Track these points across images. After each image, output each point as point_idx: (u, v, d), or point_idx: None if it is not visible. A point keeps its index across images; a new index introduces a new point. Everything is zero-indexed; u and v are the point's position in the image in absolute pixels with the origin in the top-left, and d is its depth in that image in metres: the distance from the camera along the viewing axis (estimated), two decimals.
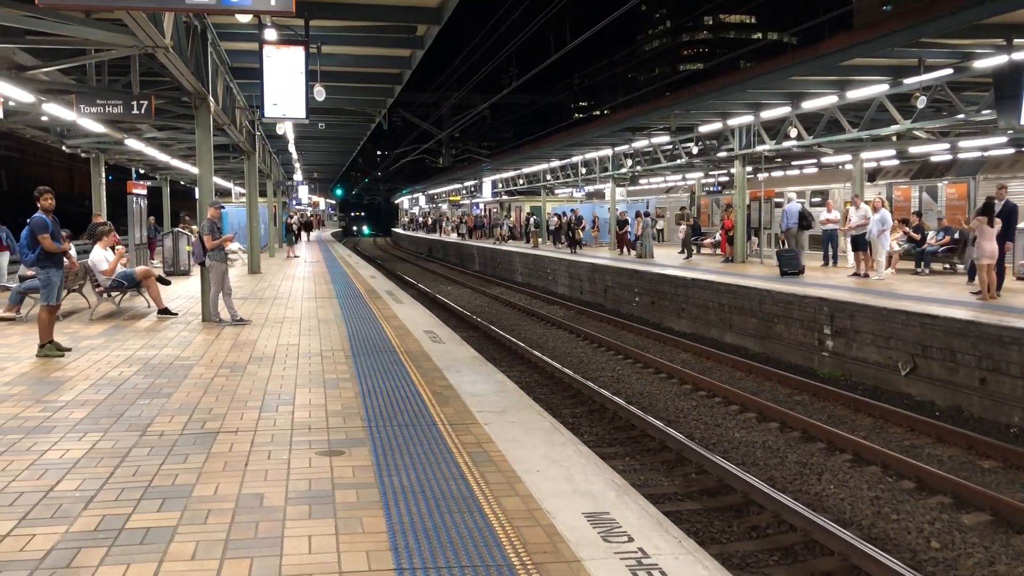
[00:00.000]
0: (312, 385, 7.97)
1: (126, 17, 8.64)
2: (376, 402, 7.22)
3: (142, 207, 21.52)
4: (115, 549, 4.05)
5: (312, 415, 6.77)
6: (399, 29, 15.75)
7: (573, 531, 4.27)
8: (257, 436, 6.15)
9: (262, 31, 12.35)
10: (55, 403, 7.11)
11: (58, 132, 20.91)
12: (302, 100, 12.80)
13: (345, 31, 15.48)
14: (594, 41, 48.43)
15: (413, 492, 4.87)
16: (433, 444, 5.90)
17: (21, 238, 9.74)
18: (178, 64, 11.27)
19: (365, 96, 22.37)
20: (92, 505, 4.67)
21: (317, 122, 25.10)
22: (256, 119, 22.72)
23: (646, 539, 4.17)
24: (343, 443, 5.95)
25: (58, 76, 15.33)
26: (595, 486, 4.99)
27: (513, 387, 7.96)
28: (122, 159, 28.18)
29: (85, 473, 5.25)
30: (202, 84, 13.20)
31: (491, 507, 4.62)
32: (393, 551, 4.02)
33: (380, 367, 8.86)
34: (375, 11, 13.93)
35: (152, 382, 8.06)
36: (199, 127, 13.76)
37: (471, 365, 9.03)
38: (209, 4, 7.00)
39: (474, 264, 42.90)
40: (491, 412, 6.85)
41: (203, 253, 12.41)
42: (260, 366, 8.96)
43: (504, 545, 4.10)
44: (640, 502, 4.73)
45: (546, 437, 6.10)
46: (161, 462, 5.49)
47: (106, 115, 14.53)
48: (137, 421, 6.54)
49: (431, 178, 72.69)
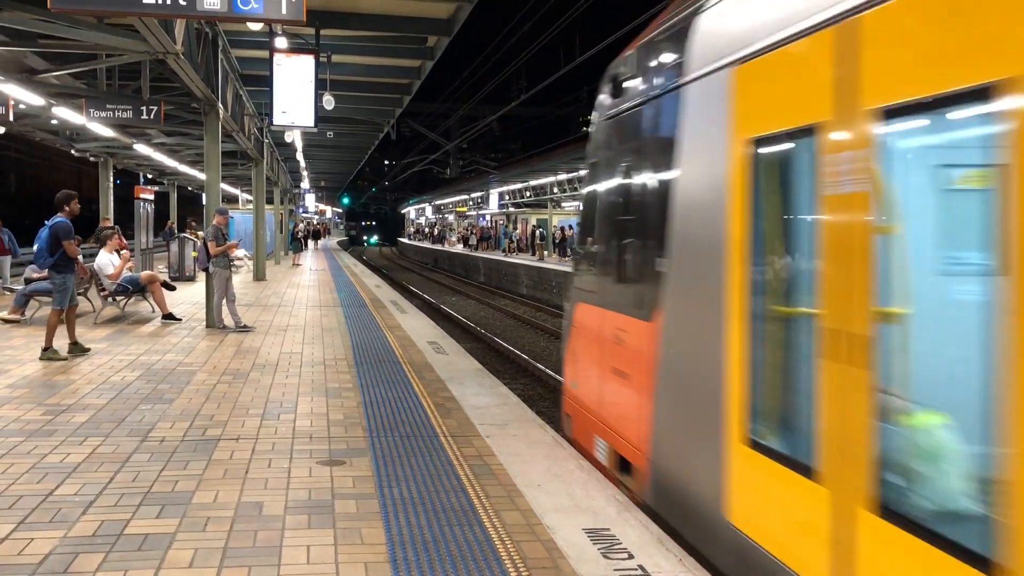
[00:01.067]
0: (314, 394, 7.96)
1: (137, 23, 8.69)
2: (378, 412, 7.20)
3: (149, 212, 21.58)
4: (113, 555, 4.03)
5: (314, 424, 6.76)
6: (409, 40, 15.83)
7: (573, 547, 4.24)
8: (258, 444, 6.13)
9: (273, 39, 12.42)
10: (57, 407, 7.10)
11: (67, 136, 21.03)
12: (311, 108, 12.85)
13: (355, 41, 15.57)
14: (604, 55, 48.46)
15: (413, 504, 4.85)
16: (434, 456, 5.88)
17: (39, 240, 9.73)
18: (188, 70, 11.33)
19: (374, 106, 22.46)
20: (91, 510, 4.65)
21: (326, 131, 25.22)
22: (265, 126, 22.82)
23: (647, 556, 4.14)
24: (344, 453, 5.93)
25: (68, 80, 15.42)
26: (596, 501, 4.96)
27: (516, 400, 7.94)
28: (130, 164, 28.33)
29: (85, 478, 5.23)
30: (212, 91, 13.26)
31: (491, 521, 4.60)
32: (392, 563, 3.99)
33: (383, 377, 8.84)
34: (386, 21, 14.00)
35: (154, 387, 8.05)
36: (208, 133, 13.81)
37: (474, 377, 9.01)
38: (220, 11, 7.02)
39: (479, 275, 42.92)
40: (493, 425, 6.82)
41: (207, 259, 12.43)
42: (263, 374, 8.95)
43: (504, 560, 4.07)
44: (641, 519, 4.69)
45: (548, 451, 6.07)
46: (161, 468, 5.47)
47: (115, 120, 14.62)
48: (138, 426, 6.53)
49: (438, 189, 72.77)
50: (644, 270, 5.43)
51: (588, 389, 6.65)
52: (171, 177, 33.27)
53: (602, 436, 6.22)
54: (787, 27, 3.77)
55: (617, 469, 5.86)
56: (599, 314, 6.37)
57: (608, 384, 6.13)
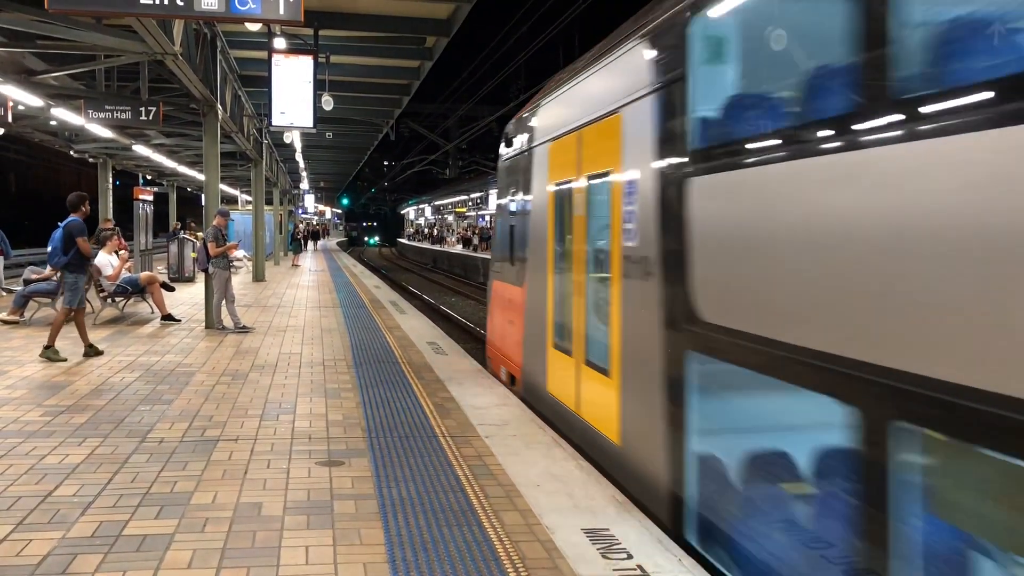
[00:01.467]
0: (313, 394, 7.96)
1: (136, 24, 8.68)
2: (377, 413, 7.20)
3: (148, 213, 21.57)
4: (112, 556, 4.03)
5: (312, 424, 6.75)
6: (408, 40, 15.82)
7: (572, 547, 4.24)
8: (257, 445, 6.13)
9: (271, 40, 12.41)
10: (56, 407, 7.10)
11: (66, 137, 21.02)
12: (310, 109, 12.85)
13: (354, 41, 15.55)
14: None
15: (412, 504, 4.84)
16: (433, 456, 5.88)
17: (53, 240, 9.79)
18: (187, 71, 11.32)
19: (373, 106, 22.46)
20: (90, 511, 4.65)
21: (324, 131, 25.21)
22: (264, 127, 22.82)
23: (646, 556, 4.13)
24: (343, 453, 5.93)
25: (67, 81, 15.42)
26: (595, 502, 4.96)
27: (515, 400, 7.93)
28: (129, 164, 28.32)
29: (84, 478, 5.23)
30: (210, 91, 13.25)
31: (490, 521, 4.59)
32: (391, 564, 3.99)
33: (382, 378, 8.84)
34: (385, 22, 14.00)
35: (153, 388, 8.05)
36: (207, 134, 13.81)
37: (473, 377, 9.01)
38: (218, 11, 7.02)
39: (479, 276, 42.87)
40: (492, 425, 6.82)
41: (207, 260, 12.43)
42: (262, 374, 8.94)
43: (503, 560, 4.07)
44: (640, 519, 4.69)
45: (547, 451, 6.07)
46: (160, 469, 5.47)
47: (114, 120, 14.60)
48: (137, 427, 6.53)
49: (437, 189, 72.76)
50: (519, 256, 8.82)
51: (496, 337, 10.17)
52: (170, 178, 33.25)
53: (504, 365, 9.52)
54: (564, 127, 7.13)
55: (510, 383, 9.03)
56: (501, 286, 9.84)
57: (505, 331, 9.49)
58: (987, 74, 2.68)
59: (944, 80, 2.86)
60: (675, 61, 4.85)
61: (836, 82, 3.41)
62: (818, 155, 3.44)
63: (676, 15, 4.88)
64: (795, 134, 3.75)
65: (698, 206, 4.50)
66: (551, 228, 7.46)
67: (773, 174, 3.78)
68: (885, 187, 2.97)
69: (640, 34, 5.43)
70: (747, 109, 4.36)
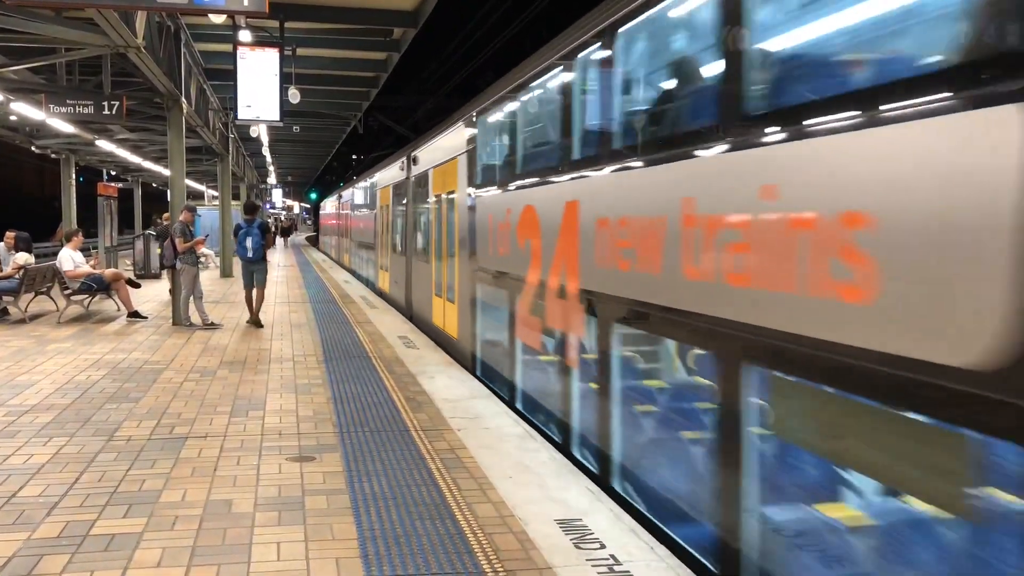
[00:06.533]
0: (283, 390, 7.90)
1: (97, 16, 8.53)
2: (348, 408, 7.16)
3: (113, 209, 21.24)
4: (79, 556, 3.97)
5: (283, 420, 6.70)
6: (375, 32, 15.70)
7: (545, 538, 4.25)
8: (227, 442, 6.07)
9: (236, 32, 12.25)
10: (20, 407, 6.98)
11: (27, 132, 20.64)
12: (276, 102, 12.71)
13: (320, 33, 15.41)
14: None
15: (384, 499, 4.83)
16: (405, 450, 5.86)
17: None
18: (150, 64, 11.15)
19: (341, 99, 22.27)
20: (56, 511, 4.58)
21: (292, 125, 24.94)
22: (230, 121, 22.52)
23: (618, 546, 4.15)
24: (314, 449, 5.89)
25: (27, 75, 15.11)
26: (568, 492, 4.97)
27: (487, 393, 7.93)
28: (93, 160, 27.88)
29: (49, 479, 5.15)
30: (175, 85, 13.07)
31: (463, 514, 4.59)
32: (363, 559, 3.97)
33: (353, 372, 8.79)
34: (351, 14, 13.87)
35: (120, 386, 7.94)
36: (171, 128, 13.63)
37: (445, 371, 8.99)
38: (181, 4, 6.92)
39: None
40: (464, 418, 6.81)
41: (174, 256, 12.28)
42: (231, 371, 8.86)
43: (476, 552, 4.07)
44: (613, 508, 4.71)
45: (519, 443, 6.08)
46: (128, 467, 5.40)
47: (76, 115, 14.34)
48: (104, 426, 6.44)
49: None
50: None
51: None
52: (135, 174, 32.77)
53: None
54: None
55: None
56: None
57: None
58: None
59: None
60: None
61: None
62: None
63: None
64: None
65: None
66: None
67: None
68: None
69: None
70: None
